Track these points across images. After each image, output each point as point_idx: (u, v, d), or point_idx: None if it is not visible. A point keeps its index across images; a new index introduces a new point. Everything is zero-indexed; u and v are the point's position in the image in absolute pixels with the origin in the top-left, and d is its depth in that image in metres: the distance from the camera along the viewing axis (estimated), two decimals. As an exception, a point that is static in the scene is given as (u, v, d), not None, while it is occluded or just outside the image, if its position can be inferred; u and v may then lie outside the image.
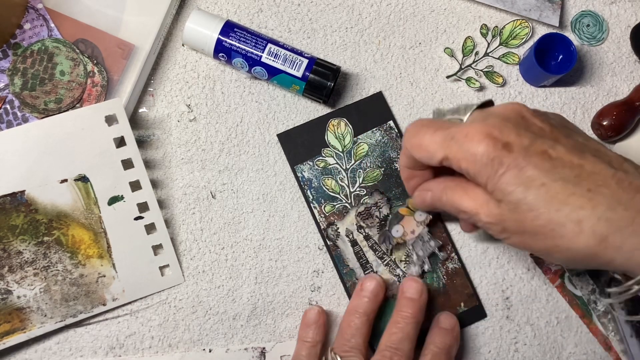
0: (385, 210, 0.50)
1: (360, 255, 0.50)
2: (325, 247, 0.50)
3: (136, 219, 0.48)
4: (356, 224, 0.50)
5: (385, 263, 0.50)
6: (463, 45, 0.52)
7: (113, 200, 0.48)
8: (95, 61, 0.49)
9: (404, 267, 0.50)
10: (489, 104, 0.40)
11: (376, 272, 0.50)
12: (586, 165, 0.34)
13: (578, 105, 0.53)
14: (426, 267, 0.49)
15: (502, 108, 0.37)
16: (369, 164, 0.51)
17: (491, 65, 0.52)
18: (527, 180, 0.34)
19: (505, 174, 0.35)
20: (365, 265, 0.50)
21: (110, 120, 0.47)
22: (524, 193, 0.34)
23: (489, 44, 0.53)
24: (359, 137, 0.51)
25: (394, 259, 0.50)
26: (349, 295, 0.50)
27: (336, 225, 0.50)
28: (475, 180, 0.37)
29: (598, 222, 0.33)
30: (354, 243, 0.50)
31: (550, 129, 0.36)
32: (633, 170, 0.35)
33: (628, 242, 0.32)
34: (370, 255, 0.50)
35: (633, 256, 0.33)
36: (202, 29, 0.49)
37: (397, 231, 0.50)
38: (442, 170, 0.42)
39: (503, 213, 0.36)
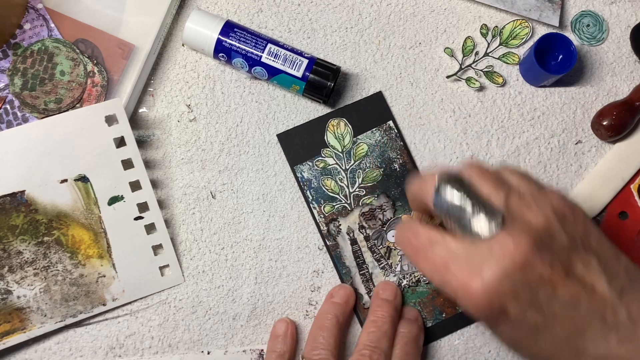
0: (389, 214, 0.50)
1: (357, 255, 0.50)
2: (325, 248, 0.50)
3: (136, 219, 0.48)
4: (358, 224, 0.50)
5: (381, 266, 0.50)
6: (463, 45, 0.52)
7: (113, 200, 0.48)
8: (95, 61, 0.49)
9: (385, 275, 0.50)
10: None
11: (371, 274, 0.50)
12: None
13: (578, 105, 0.53)
14: (404, 282, 0.49)
15: (510, 260, 0.34)
16: (368, 164, 0.51)
17: (491, 65, 0.52)
18: (517, 341, 0.36)
19: (498, 329, 0.36)
20: (361, 265, 0.50)
21: (110, 120, 0.47)
22: (514, 346, 0.37)
23: (489, 44, 0.53)
24: (359, 137, 0.51)
25: (390, 263, 0.50)
26: (349, 295, 0.50)
27: (338, 221, 0.50)
28: None
29: None
30: (353, 242, 0.50)
31: (551, 281, 0.35)
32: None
33: None
34: (367, 256, 0.50)
35: None
36: (202, 29, 0.49)
37: (392, 236, 0.50)
38: None
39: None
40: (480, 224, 0.35)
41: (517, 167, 0.40)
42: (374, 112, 0.51)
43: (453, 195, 0.36)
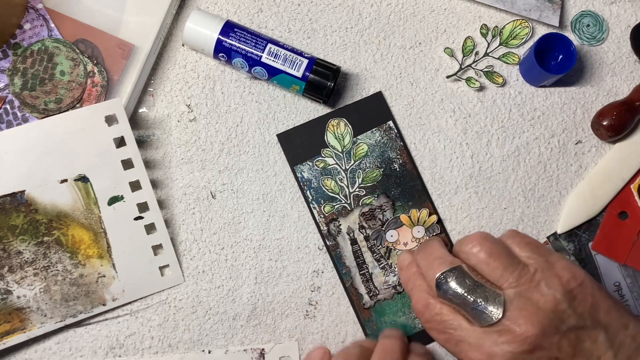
0: (388, 215, 0.50)
1: (357, 255, 0.50)
2: (325, 248, 0.50)
3: (136, 219, 0.48)
4: (358, 223, 0.50)
5: (381, 266, 0.50)
6: (463, 45, 0.52)
7: (113, 200, 0.48)
8: (95, 61, 0.49)
9: (385, 275, 0.50)
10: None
11: (371, 274, 0.50)
12: None
13: (578, 105, 0.53)
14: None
15: (518, 345, 0.36)
16: (368, 164, 0.51)
17: (491, 65, 0.52)
18: None
19: None
20: (361, 265, 0.50)
21: (110, 120, 0.47)
22: None
23: (489, 44, 0.53)
24: (359, 137, 0.51)
25: (390, 263, 0.50)
26: (349, 296, 0.50)
27: (339, 221, 0.50)
28: None
29: None
30: (353, 242, 0.50)
31: None
32: None
33: None
34: (367, 257, 0.50)
35: None
36: (202, 29, 0.49)
37: (391, 236, 0.50)
38: None
39: None
40: (484, 313, 0.38)
41: (525, 235, 0.41)
42: (374, 112, 0.51)
43: (455, 288, 0.39)
